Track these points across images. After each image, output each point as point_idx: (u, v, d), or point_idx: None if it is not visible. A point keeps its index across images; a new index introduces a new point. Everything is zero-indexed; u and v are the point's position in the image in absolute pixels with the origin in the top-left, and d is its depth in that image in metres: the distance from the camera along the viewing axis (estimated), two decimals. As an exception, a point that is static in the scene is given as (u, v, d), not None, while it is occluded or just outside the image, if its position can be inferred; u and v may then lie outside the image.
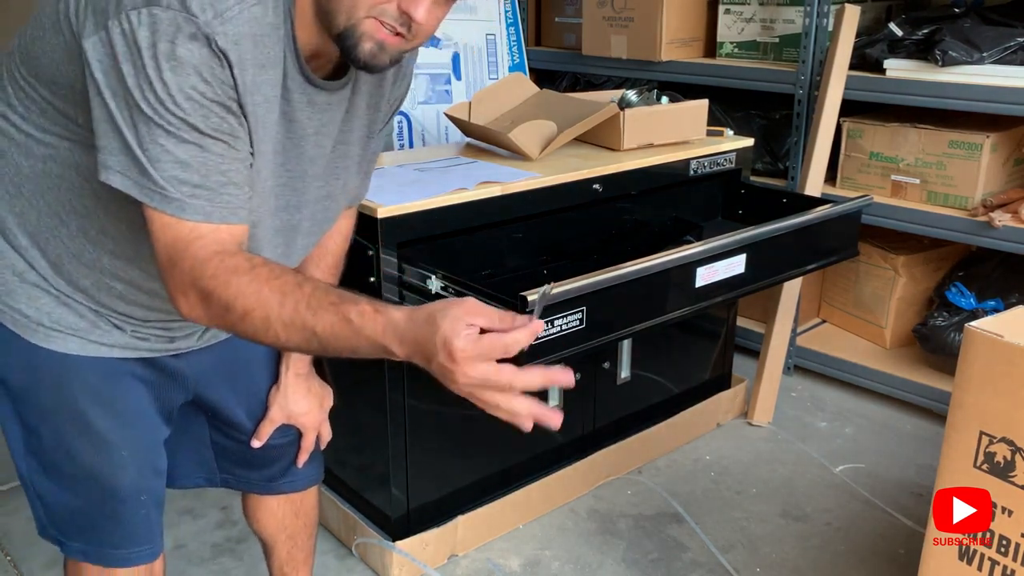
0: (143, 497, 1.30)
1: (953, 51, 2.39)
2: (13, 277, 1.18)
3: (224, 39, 1.00)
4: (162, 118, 1.00)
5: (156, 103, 1.00)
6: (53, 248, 1.17)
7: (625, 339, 2.27)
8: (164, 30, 0.98)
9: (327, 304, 0.99)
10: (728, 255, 1.86)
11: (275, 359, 1.48)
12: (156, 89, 0.99)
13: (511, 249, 2.02)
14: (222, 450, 1.49)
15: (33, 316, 1.19)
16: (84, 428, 1.23)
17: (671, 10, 2.93)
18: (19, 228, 1.17)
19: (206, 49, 1.00)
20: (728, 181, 2.43)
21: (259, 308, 1.01)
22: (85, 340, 1.21)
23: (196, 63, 1.00)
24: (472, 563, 2.08)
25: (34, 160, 1.14)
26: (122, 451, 1.26)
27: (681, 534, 2.18)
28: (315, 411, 1.50)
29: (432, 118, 2.84)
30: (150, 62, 0.99)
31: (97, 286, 1.19)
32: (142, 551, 1.32)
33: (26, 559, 2.08)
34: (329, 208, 1.32)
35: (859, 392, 2.84)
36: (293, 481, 1.54)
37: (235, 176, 1.06)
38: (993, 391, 1.31)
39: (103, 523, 1.29)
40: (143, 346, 1.26)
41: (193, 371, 1.35)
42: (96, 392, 1.23)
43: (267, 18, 1.05)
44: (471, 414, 2.11)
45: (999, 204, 2.45)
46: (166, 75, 0.99)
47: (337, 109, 1.22)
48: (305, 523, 1.62)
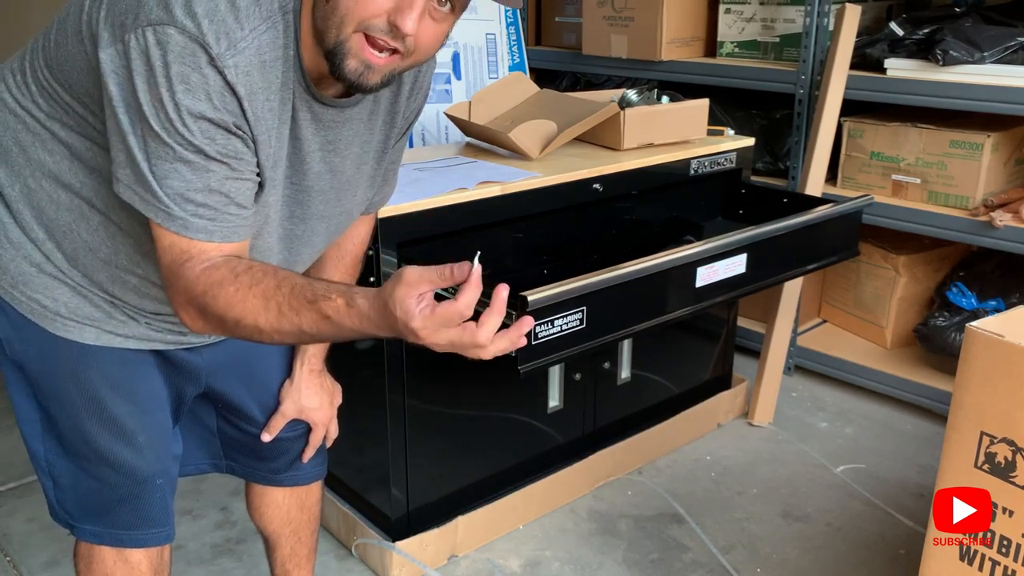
0: (159, 481, 1.33)
1: (954, 51, 2.39)
2: (31, 268, 1.21)
3: (235, 72, 1.02)
4: (171, 137, 1.02)
5: (166, 122, 1.02)
6: (70, 242, 1.19)
7: (625, 339, 2.27)
8: (179, 53, 1.00)
9: (305, 304, 1.04)
10: (728, 255, 1.85)
11: (288, 354, 1.50)
12: (167, 109, 1.01)
13: (511, 249, 2.02)
14: (228, 439, 1.51)
15: (51, 306, 1.22)
16: (102, 415, 1.26)
17: (671, 10, 2.93)
18: (37, 221, 1.19)
19: (219, 79, 1.02)
20: (728, 181, 2.42)
21: (248, 316, 1.05)
22: (101, 330, 1.24)
23: (208, 90, 1.02)
24: (472, 563, 2.07)
25: (58, 157, 1.16)
26: (139, 437, 1.29)
27: (681, 534, 2.17)
28: (327, 407, 1.53)
29: (432, 118, 2.83)
30: (163, 81, 1.00)
31: (112, 279, 1.22)
32: (158, 533, 1.35)
33: (26, 559, 2.08)
34: (341, 223, 1.34)
35: (859, 392, 2.83)
36: (298, 475, 1.56)
37: (237, 196, 1.09)
38: (994, 391, 1.31)
39: (118, 506, 1.32)
40: (157, 337, 1.28)
41: (206, 364, 1.37)
42: (113, 379, 1.26)
43: (277, 42, 1.07)
44: (471, 414, 2.12)
45: (1000, 204, 2.45)
46: (178, 97, 1.01)
47: (348, 126, 1.23)
48: (309, 518, 1.63)
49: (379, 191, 1.43)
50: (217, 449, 1.52)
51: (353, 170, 1.28)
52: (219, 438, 1.51)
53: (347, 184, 1.28)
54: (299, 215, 1.24)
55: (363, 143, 1.27)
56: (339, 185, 1.26)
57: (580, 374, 2.24)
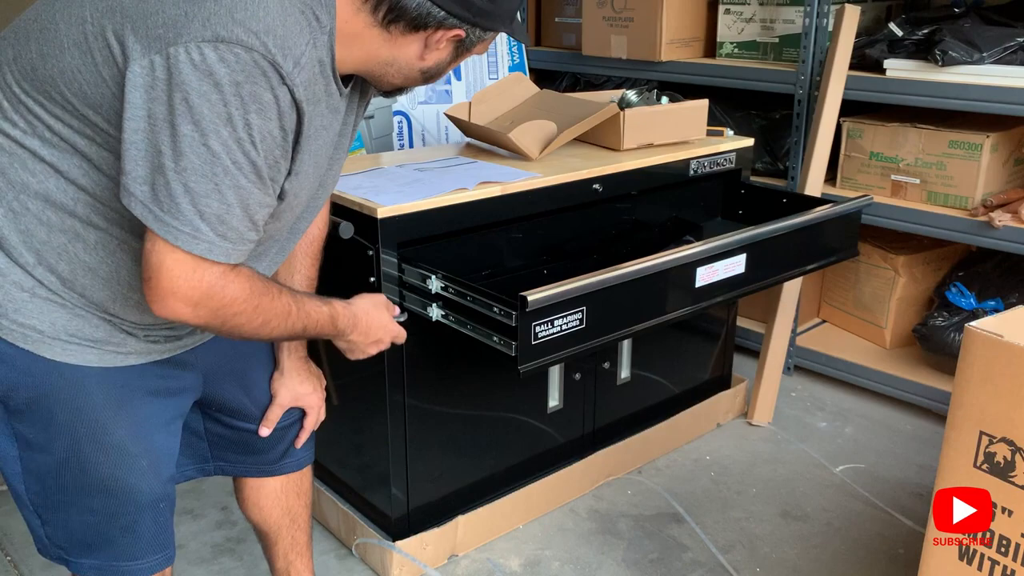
0: (162, 505, 1.31)
1: (953, 51, 2.39)
2: (23, 293, 1.15)
3: (301, 90, 1.04)
4: (230, 155, 1.01)
5: (231, 140, 1.01)
6: (66, 264, 1.15)
7: (625, 339, 2.27)
8: (250, 72, 0.99)
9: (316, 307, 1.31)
10: (728, 255, 1.86)
11: (270, 348, 1.51)
12: (236, 128, 1.00)
13: (511, 249, 2.02)
14: (217, 439, 1.50)
15: (48, 331, 1.17)
16: (103, 440, 1.22)
17: (671, 10, 2.93)
18: (25, 246, 1.14)
19: (289, 98, 1.03)
20: (728, 181, 2.43)
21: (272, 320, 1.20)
22: (102, 351, 1.21)
23: (279, 110, 1.03)
24: (472, 563, 2.08)
25: (41, 176, 1.12)
26: (142, 461, 1.26)
27: (681, 534, 2.18)
28: (319, 390, 1.56)
29: (432, 118, 2.84)
30: (234, 100, 0.99)
31: (113, 298, 1.19)
32: (159, 558, 1.33)
33: (26, 559, 2.08)
34: (319, 204, 1.36)
35: (859, 392, 2.84)
36: (292, 462, 1.57)
37: (260, 222, 1.11)
38: (993, 391, 1.31)
39: (118, 537, 1.28)
40: (156, 348, 1.27)
41: (202, 365, 1.37)
42: (114, 404, 1.23)
43: (322, 55, 1.10)
44: (471, 414, 2.12)
45: (999, 204, 2.45)
46: (251, 116, 1.01)
47: (340, 112, 1.24)
48: (305, 504, 1.65)
49: None
50: (204, 452, 1.51)
51: (341, 153, 1.31)
52: (206, 440, 1.50)
53: (333, 165, 1.31)
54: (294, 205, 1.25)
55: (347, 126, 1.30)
56: (326, 171, 1.29)
57: (580, 374, 2.24)
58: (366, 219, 1.75)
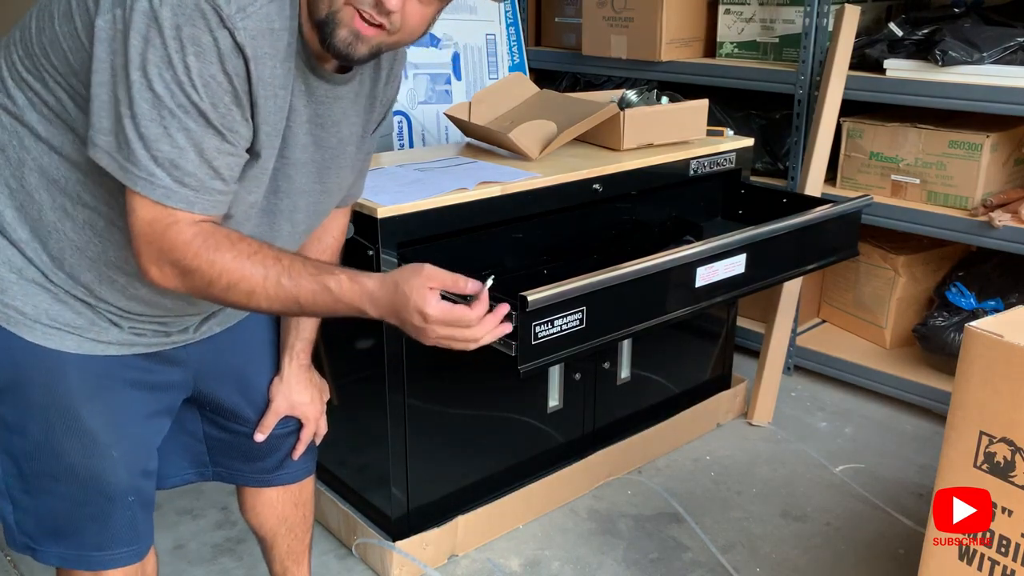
0: (131, 498, 1.29)
1: (953, 51, 2.39)
2: (10, 274, 1.18)
3: (244, 34, 1.04)
4: (174, 99, 1.03)
5: (172, 83, 1.02)
6: (56, 241, 1.17)
7: (625, 339, 2.27)
8: (190, 15, 1.01)
9: (306, 275, 1.13)
10: (728, 255, 1.86)
11: (274, 352, 1.49)
12: (176, 70, 1.02)
13: (511, 249, 2.02)
14: (216, 443, 1.49)
15: (30, 313, 1.18)
16: (75, 426, 1.23)
17: (671, 10, 2.93)
18: (19, 222, 1.17)
19: (229, 40, 1.03)
20: (728, 181, 2.43)
21: (243, 281, 1.11)
22: (82, 338, 1.21)
23: (219, 52, 1.03)
24: (472, 563, 2.08)
25: (39, 153, 1.14)
26: (112, 451, 1.25)
27: (681, 534, 2.18)
28: (317, 402, 1.53)
29: (432, 118, 2.83)
30: (173, 43, 1.01)
31: (99, 279, 1.20)
32: (126, 552, 1.31)
33: (26, 558, 2.08)
34: (321, 202, 1.34)
35: (859, 392, 2.84)
36: (288, 473, 1.55)
37: (224, 171, 1.09)
38: (993, 391, 1.31)
39: (85, 525, 1.28)
40: (139, 342, 1.26)
41: (193, 364, 1.35)
42: (90, 391, 1.23)
43: (284, 12, 1.09)
44: (471, 414, 2.12)
45: (999, 204, 2.45)
46: (189, 59, 1.02)
47: (337, 104, 1.24)
48: (304, 514, 1.63)
49: (355, 183, 1.44)
50: (203, 456, 1.50)
51: (338, 147, 1.29)
52: (205, 444, 1.49)
53: (330, 161, 1.29)
54: (284, 189, 1.24)
55: (350, 124, 1.29)
56: (322, 161, 1.27)
57: (580, 374, 2.24)
58: (366, 219, 1.75)
